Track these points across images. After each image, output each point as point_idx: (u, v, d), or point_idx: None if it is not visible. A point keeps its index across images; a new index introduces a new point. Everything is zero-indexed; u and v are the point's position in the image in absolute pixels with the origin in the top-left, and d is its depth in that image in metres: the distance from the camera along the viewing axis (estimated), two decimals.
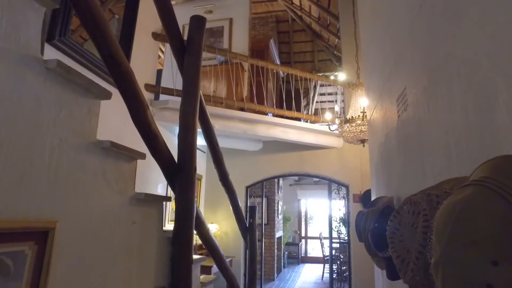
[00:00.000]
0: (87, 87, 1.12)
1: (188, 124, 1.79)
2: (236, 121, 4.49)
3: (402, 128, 1.62)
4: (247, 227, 3.16)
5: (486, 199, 0.50)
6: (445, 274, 0.50)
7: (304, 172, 5.61)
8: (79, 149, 1.09)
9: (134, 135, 1.49)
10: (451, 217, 0.51)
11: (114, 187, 1.25)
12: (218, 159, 2.47)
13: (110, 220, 1.23)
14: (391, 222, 0.82)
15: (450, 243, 0.50)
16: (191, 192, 1.73)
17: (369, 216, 1.76)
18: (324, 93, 9.40)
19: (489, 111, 0.79)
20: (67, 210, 1.02)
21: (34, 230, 0.89)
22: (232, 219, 5.39)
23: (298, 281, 8.08)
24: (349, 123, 3.79)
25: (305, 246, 11.60)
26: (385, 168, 2.09)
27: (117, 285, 1.27)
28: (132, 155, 1.36)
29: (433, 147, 1.18)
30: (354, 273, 5.29)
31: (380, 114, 2.31)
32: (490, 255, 0.45)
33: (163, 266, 1.62)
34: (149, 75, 4.12)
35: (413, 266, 0.68)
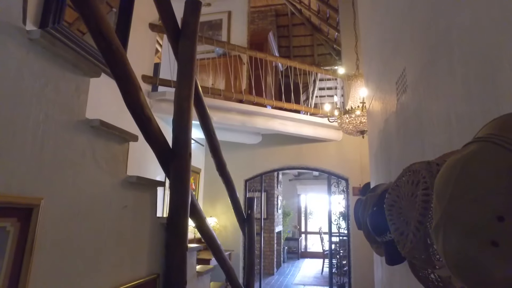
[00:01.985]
0: (74, 63, 1.08)
1: (182, 108, 1.75)
2: (235, 113, 4.45)
3: (401, 111, 1.59)
4: (245, 218, 3.12)
5: (491, 153, 0.46)
6: (446, 235, 0.46)
7: (304, 165, 5.58)
8: (67, 127, 1.05)
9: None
10: (453, 174, 0.48)
11: (104, 168, 1.21)
12: (215, 148, 2.43)
13: (100, 202, 1.19)
14: (389, 195, 0.78)
15: (452, 201, 0.46)
16: (186, 178, 1.69)
17: (367, 201, 1.73)
18: (323, 87, 9.35)
19: (492, 77, 0.75)
20: (53, 188, 0.98)
21: (16, 206, 0.85)
22: (231, 213, 5.36)
23: (298, 275, 8.07)
24: (348, 114, 3.75)
25: (305, 241, 11.59)
26: (384, 155, 2.05)
27: (108, 271, 1.23)
28: (124, 136, 1.32)
29: (433, 125, 1.14)
30: (354, 267, 5.27)
31: (379, 101, 2.27)
32: (495, 210, 0.42)
33: (157, 253, 1.59)
34: (146, 66, 4.07)
35: (412, 238, 0.64)
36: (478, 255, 0.42)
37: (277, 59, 5.28)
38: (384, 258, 2.13)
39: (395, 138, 1.74)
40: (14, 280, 0.85)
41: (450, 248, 0.46)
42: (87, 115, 1.17)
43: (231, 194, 2.78)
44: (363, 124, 3.72)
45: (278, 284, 7.04)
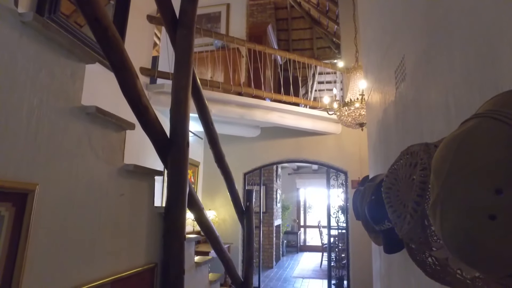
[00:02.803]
0: (69, 48, 1.07)
1: (180, 98, 1.74)
2: (233, 105, 4.43)
3: (400, 100, 1.58)
4: (244, 211, 3.12)
5: (489, 127, 0.45)
6: (444, 212, 0.46)
7: (302, 158, 5.57)
8: (62, 113, 1.04)
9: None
10: (451, 150, 0.47)
11: (100, 155, 1.20)
12: (213, 139, 2.42)
13: (97, 190, 1.18)
14: (387, 178, 0.77)
15: (449, 177, 0.45)
16: (183, 167, 1.68)
17: (366, 191, 1.72)
18: (322, 81, 9.32)
19: (492, 60, 0.74)
20: (48, 174, 0.97)
21: (11, 190, 0.85)
22: (230, 206, 5.36)
23: (297, 268, 8.10)
24: (347, 106, 3.73)
25: (304, 235, 11.63)
26: (383, 145, 2.05)
27: (105, 258, 1.23)
28: (120, 124, 1.31)
29: (432, 112, 1.13)
30: (352, 259, 5.29)
31: (378, 92, 2.26)
32: (494, 183, 0.41)
33: (154, 243, 1.59)
34: (144, 58, 4.04)
35: (410, 219, 0.64)
36: (475, 229, 0.42)
37: (276, 52, 5.26)
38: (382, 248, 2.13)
39: (394, 128, 1.73)
40: (10, 265, 0.85)
41: (447, 224, 0.45)
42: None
43: (230, 186, 2.77)
44: (362, 117, 3.71)
45: (277, 277, 7.07)
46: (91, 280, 1.14)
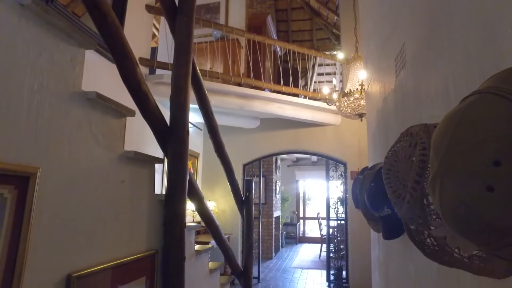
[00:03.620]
0: (69, 33, 1.06)
1: (180, 85, 1.74)
2: (233, 96, 4.42)
3: (400, 87, 1.58)
4: (244, 200, 3.14)
5: (489, 102, 0.45)
6: (443, 186, 0.46)
7: (302, 149, 5.58)
8: (62, 97, 1.04)
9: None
10: (451, 125, 0.47)
11: (101, 141, 1.21)
12: (213, 128, 2.42)
13: (98, 175, 1.19)
14: (387, 159, 0.78)
15: (449, 151, 0.46)
16: (184, 155, 1.69)
17: (365, 178, 1.73)
18: (322, 73, 9.29)
19: (493, 41, 0.74)
20: (49, 158, 0.97)
21: (13, 173, 0.85)
22: (229, 197, 5.39)
23: (296, 259, 8.17)
24: (347, 97, 3.73)
25: (303, 226, 11.70)
26: (382, 134, 2.05)
27: (107, 243, 1.24)
28: (121, 110, 1.31)
29: (432, 97, 1.13)
30: (351, 250, 5.34)
31: (378, 81, 2.25)
32: (492, 156, 0.41)
33: (155, 230, 1.60)
34: (143, 49, 4.02)
35: (409, 198, 0.65)
36: (473, 201, 0.42)
37: (275, 42, 5.23)
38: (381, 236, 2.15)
39: (394, 116, 1.74)
40: (13, 247, 0.86)
41: (446, 198, 0.46)
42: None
43: (229, 176, 2.78)
44: (362, 107, 3.71)
45: (277, 268, 7.13)
46: (93, 264, 1.15)
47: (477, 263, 0.66)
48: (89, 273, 1.12)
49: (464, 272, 0.89)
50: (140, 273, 1.47)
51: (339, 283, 5.53)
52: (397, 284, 1.71)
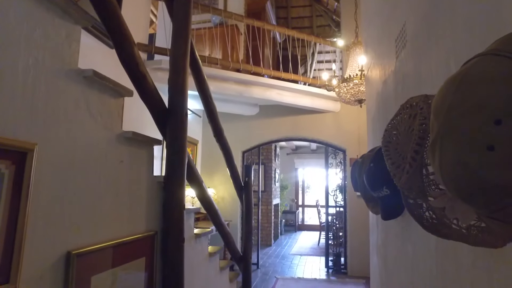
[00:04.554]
0: (64, 8, 1.04)
1: (178, 67, 1.73)
2: (232, 82, 4.39)
3: (400, 68, 1.56)
4: (243, 186, 3.15)
5: (491, 62, 0.45)
6: (443, 148, 0.46)
7: (301, 136, 5.58)
8: (58, 74, 1.03)
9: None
10: (451, 87, 0.47)
11: (99, 120, 1.20)
12: (212, 112, 2.41)
13: (96, 155, 1.18)
14: (386, 132, 0.77)
15: (449, 113, 0.45)
16: (182, 137, 1.68)
17: (364, 160, 1.73)
18: (322, 60, 9.22)
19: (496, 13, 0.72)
20: (47, 134, 0.97)
21: (10, 148, 0.85)
22: (228, 184, 5.40)
23: (295, 246, 8.24)
24: (346, 82, 3.71)
25: (302, 214, 11.77)
26: (381, 118, 2.04)
27: (106, 223, 1.24)
28: (118, 89, 1.29)
29: (432, 76, 1.12)
30: (350, 237, 5.38)
31: (378, 64, 2.24)
32: (493, 114, 0.41)
33: (154, 211, 1.60)
34: (141, 34, 3.98)
35: (408, 168, 0.64)
36: (474, 161, 0.42)
37: (275, 28, 5.17)
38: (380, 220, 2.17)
39: (393, 98, 1.73)
40: (12, 222, 0.86)
41: (446, 160, 0.46)
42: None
43: (229, 161, 2.78)
44: (361, 93, 3.70)
45: (276, 254, 7.20)
46: (93, 242, 1.15)
47: (474, 234, 0.66)
48: (89, 251, 1.13)
49: (462, 247, 0.90)
50: (139, 254, 1.47)
51: (337, 269, 5.59)
52: (395, 265, 1.72)
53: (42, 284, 0.96)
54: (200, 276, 2.20)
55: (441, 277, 1.03)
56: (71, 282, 1.04)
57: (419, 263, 1.29)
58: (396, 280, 1.71)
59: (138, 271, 1.46)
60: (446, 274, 0.99)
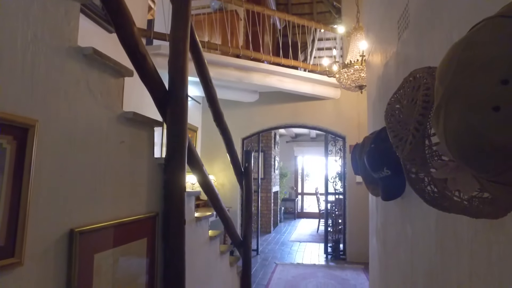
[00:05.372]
0: None
1: (178, 49, 1.71)
2: (231, 68, 4.36)
3: (402, 49, 1.55)
4: (243, 171, 3.16)
5: (499, 24, 0.44)
6: (448, 112, 0.46)
7: (301, 123, 5.57)
8: (58, 51, 1.02)
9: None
10: (457, 51, 0.46)
11: (99, 99, 1.19)
12: (212, 97, 2.40)
13: (97, 134, 1.18)
14: (389, 106, 0.77)
15: (455, 76, 0.45)
16: (183, 120, 1.68)
17: (365, 142, 1.74)
18: (322, 47, 9.14)
19: None
20: (47, 112, 0.96)
21: (11, 123, 0.84)
22: (228, 171, 5.42)
23: (294, 233, 8.32)
24: (347, 68, 3.69)
25: (301, 202, 11.84)
26: (382, 101, 2.04)
27: (107, 202, 1.25)
28: (118, 68, 1.28)
29: (435, 53, 1.11)
30: (349, 223, 5.43)
31: (379, 47, 2.22)
32: (500, 75, 0.40)
33: (155, 192, 1.61)
34: (139, 18, 3.93)
35: (412, 139, 0.64)
36: (479, 123, 0.42)
37: (275, 13, 5.12)
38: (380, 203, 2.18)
39: (395, 80, 1.72)
40: (15, 198, 0.86)
41: (451, 124, 0.46)
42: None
43: (228, 146, 2.79)
44: (362, 79, 3.68)
45: (275, 241, 7.27)
46: (95, 221, 1.16)
47: (476, 205, 0.67)
48: (92, 229, 1.14)
49: (461, 223, 0.90)
50: (141, 234, 1.49)
51: (336, 255, 5.66)
52: (394, 245, 1.74)
53: (46, 260, 0.96)
54: (200, 259, 2.22)
55: (440, 253, 1.04)
56: (74, 259, 1.05)
57: (419, 242, 1.30)
58: (395, 261, 1.73)
59: (140, 252, 1.48)
60: (445, 250, 1.01)
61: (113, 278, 1.28)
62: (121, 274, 1.33)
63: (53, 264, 0.99)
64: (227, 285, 2.90)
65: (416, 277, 1.33)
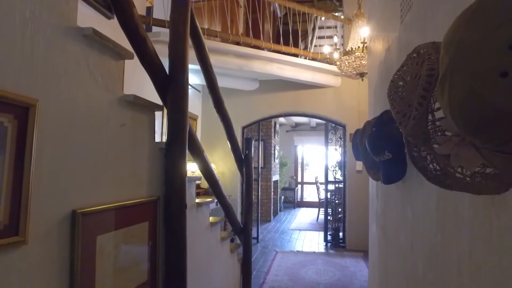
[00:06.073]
0: None
1: (178, 32, 1.69)
2: (232, 56, 4.33)
3: (405, 32, 1.54)
4: (243, 158, 3.16)
5: None
6: (453, 82, 0.45)
7: (301, 112, 5.56)
8: (57, 30, 1.00)
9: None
10: (464, 19, 0.46)
11: (99, 81, 1.18)
12: (212, 82, 2.39)
13: (97, 116, 1.18)
14: (392, 83, 0.77)
15: (462, 43, 0.44)
16: (183, 104, 1.67)
17: (366, 126, 1.73)
18: (323, 36, 9.06)
19: None
20: (48, 92, 0.96)
21: (11, 102, 0.84)
22: (228, 159, 5.43)
23: (294, 222, 8.38)
24: (348, 55, 3.66)
25: (301, 191, 11.89)
26: (384, 87, 2.03)
27: (109, 186, 1.25)
28: (119, 50, 1.27)
29: (439, 34, 1.10)
30: (348, 212, 5.46)
31: (381, 32, 2.20)
32: (508, 40, 0.40)
33: (156, 177, 1.61)
34: (138, 5, 3.88)
35: (415, 113, 0.64)
36: (485, 90, 0.42)
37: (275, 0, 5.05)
38: (380, 189, 2.19)
39: (396, 64, 1.70)
40: (17, 177, 0.86)
41: (456, 94, 0.45)
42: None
43: (229, 132, 2.78)
44: (363, 66, 3.66)
45: (275, 229, 7.33)
46: (97, 203, 1.16)
47: (478, 181, 0.67)
48: (94, 211, 1.14)
49: (462, 202, 0.91)
50: (142, 218, 1.49)
51: (336, 242, 5.70)
52: (394, 230, 1.75)
53: (50, 240, 0.97)
54: (201, 244, 2.24)
55: (441, 233, 1.05)
56: (77, 239, 1.06)
57: (419, 224, 1.31)
58: (395, 245, 1.74)
59: (141, 235, 1.49)
60: (445, 230, 1.01)
61: (116, 260, 1.29)
62: (123, 257, 1.34)
63: (56, 244, 0.99)
64: (228, 271, 2.93)
65: (416, 259, 1.34)
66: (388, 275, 1.92)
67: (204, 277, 2.27)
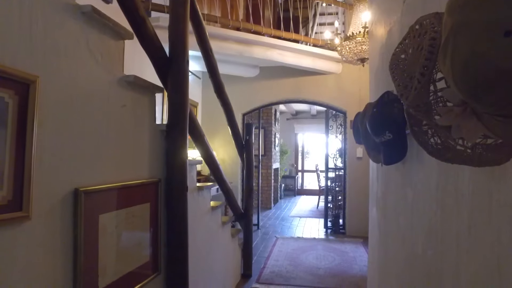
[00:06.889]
0: None
1: (178, 13, 1.68)
2: (232, 42, 4.29)
3: (408, 13, 1.52)
4: (244, 144, 3.16)
5: None
6: (456, 44, 0.45)
7: (302, 98, 5.54)
8: (56, 8, 0.99)
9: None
10: None
11: (99, 61, 1.18)
12: (212, 67, 2.38)
13: (98, 95, 1.17)
14: (394, 56, 0.76)
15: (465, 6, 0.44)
16: (184, 86, 1.67)
17: (367, 108, 1.73)
18: (324, 23, 8.97)
19: None
20: (48, 69, 0.95)
21: (12, 77, 0.84)
22: (228, 146, 5.44)
23: (294, 209, 8.43)
24: (349, 40, 3.63)
25: (302, 179, 11.93)
26: (385, 69, 2.01)
27: (110, 165, 1.26)
28: (118, 29, 1.26)
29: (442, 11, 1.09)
30: (348, 199, 5.48)
31: (383, 15, 2.18)
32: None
33: (157, 159, 1.61)
34: None
35: (417, 84, 0.64)
36: (489, 51, 0.41)
37: None
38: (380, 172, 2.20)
39: None
40: (20, 154, 0.87)
41: (459, 56, 0.45)
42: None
43: (229, 117, 2.78)
44: (364, 52, 3.63)
45: (276, 216, 7.38)
46: (99, 182, 1.17)
47: (479, 152, 0.67)
48: (96, 190, 1.15)
49: (463, 179, 0.91)
50: (144, 199, 1.50)
51: (336, 229, 5.75)
52: (394, 212, 1.77)
53: (53, 217, 0.98)
54: (202, 228, 2.26)
55: (441, 211, 1.06)
56: (80, 217, 1.07)
57: (419, 204, 1.32)
58: (395, 227, 1.76)
59: (143, 216, 1.50)
60: (445, 207, 1.02)
61: (118, 240, 1.30)
62: (126, 237, 1.36)
63: (59, 221, 1.00)
64: (229, 255, 2.96)
65: (415, 238, 1.36)
66: (388, 258, 1.94)
67: (205, 260, 2.30)
